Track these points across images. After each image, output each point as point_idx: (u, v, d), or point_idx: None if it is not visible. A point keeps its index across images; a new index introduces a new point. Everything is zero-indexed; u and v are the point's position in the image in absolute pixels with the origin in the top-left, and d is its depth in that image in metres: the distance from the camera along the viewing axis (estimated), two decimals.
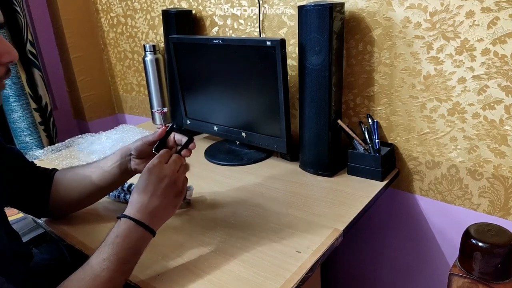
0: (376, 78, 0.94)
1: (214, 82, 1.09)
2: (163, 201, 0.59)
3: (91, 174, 0.74)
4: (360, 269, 1.20)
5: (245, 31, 1.17)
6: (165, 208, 0.60)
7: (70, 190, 0.75)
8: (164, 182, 0.60)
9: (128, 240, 0.56)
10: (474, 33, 0.77)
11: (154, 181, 0.59)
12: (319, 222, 0.75)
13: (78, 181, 0.75)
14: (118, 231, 0.56)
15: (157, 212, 0.59)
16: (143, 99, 1.67)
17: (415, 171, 0.95)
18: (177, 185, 0.62)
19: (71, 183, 0.75)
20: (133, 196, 0.60)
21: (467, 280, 0.73)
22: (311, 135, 0.93)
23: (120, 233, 0.56)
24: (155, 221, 0.59)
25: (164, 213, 0.61)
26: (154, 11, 1.42)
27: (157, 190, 0.59)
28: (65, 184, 0.75)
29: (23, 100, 1.43)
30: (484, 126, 0.82)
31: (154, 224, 0.59)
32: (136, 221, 0.57)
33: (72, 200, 0.76)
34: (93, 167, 0.75)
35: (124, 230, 0.56)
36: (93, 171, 0.74)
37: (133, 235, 0.56)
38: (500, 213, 0.85)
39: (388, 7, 0.86)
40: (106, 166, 0.73)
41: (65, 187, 0.75)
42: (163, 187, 0.60)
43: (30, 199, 0.74)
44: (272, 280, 0.60)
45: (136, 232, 0.57)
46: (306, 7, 0.84)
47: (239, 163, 1.05)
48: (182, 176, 0.63)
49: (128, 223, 0.57)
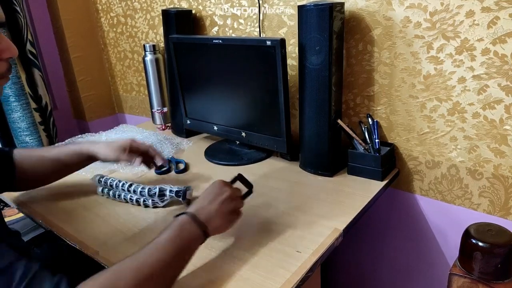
0: (376, 77, 0.94)
1: (214, 81, 1.09)
2: (219, 210, 0.64)
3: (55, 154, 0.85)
4: (360, 269, 1.20)
5: (245, 31, 1.17)
6: (220, 217, 0.64)
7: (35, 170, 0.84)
8: (224, 195, 0.66)
9: (181, 232, 0.59)
10: (474, 32, 0.77)
11: (215, 192, 0.66)
12: (319, 222, 0.75)
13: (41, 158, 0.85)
14: (174, 225, 0.60)
15: (212, 217, 0.63)
16: (143, 99, 1.67)
17: (415, 171, 0.95)
18: (235, 204, 0.67)
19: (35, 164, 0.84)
20: (195, 201, 0.66)
21: (467, 280, 0.73)
22: (311, 135, 0.93)
23: (175, 227, 0.59)
24: (209, 224, 0.62)
25: (218, 222, 0.64)
26: (154, 10, 1.42)
27: (216, 199, 0.65)
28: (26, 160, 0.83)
29: (23, 100, 1.43)
30: (484, 126, 0.82)
31: (208, 226, 0.62)
32: (192, 216, 0.61)
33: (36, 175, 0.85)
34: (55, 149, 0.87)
35: (180, 223, 0.60)
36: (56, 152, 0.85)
37: (187, 228, 0.60)
38: (500, 213, 0.85)
39: (388, 7, 0.86)
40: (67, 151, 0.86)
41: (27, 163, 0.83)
42: (222, 198, 0.65)
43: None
44: (272, 280, 0.60)
45: (190, 227, 0.60)
46: (306, 6, 0.84)
47: (239, 163, 1.05)
48: (240, 203, 0.69)
49: (185, 218, 0.61)
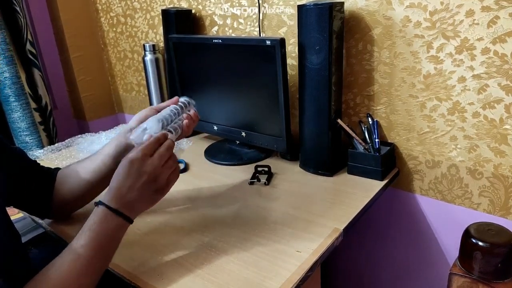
0: (376, 77, 0.94)
1: (214, 81, 1.09)
2: (140, 196, 0.59)
3: (90, 169, 0.73)
4: (360, 268, 1.20)
5: (245, 30, 1.17)
6: (142, 201, 0.60)
7: (71, 188, 0.74)
8: (143, 179, 0.58)
9: (106, 226, 0.57)
10: (474, 32, 0.77)
11: (133, 175, 0.58)
12: (319, 221, 0.75)
13: (78, 178, 0.74)
14: (95, 218, 0.57)
15: (134, 204, 0.59)
16: (143, 98, 1.67)
17: (415, 170, 0.95)
18: (158, 182, 0.60)
19: (72, 181, 0.75)
20: (112, 183, 0.59)
21: (467, 280, 0.73)
22: (311, 135, 0.93)
23: (97, 220, 0.56)
24: (132, 211, 0.59)
25: (142, 206, 0.61)
26: (153, 10, 1.42)
27: (135, 184, 0.58)
28: (66, 182, 0.75)
29: (23, 100, 1.43)
30: (484, 125, 0.82)
31: (131, 213, 0.59)
32: (112, 210, 0.57)
33: (74, 198, 0.75)
34: (91, 161, 0.74)
35: (101, 217, 0.57)
36: (91, 167, 0.73)
37: (110, 222, 0.57)
38: (500, 212, 0.85)
39: (388, 6, 0.86)
40: (101, 160, 0.73)
41: (67, 186, 0.75)
42: (141, 182, 0.58)
43: (32, 199, 0.74)
44: (272, 280, 0.60)
45: (112, 220, 0.57)
46: (306, 6, 0.84)
47: (239, 163, 1.05)
48: (167, 172, 0.61)
49: (105, 211, 0.57)
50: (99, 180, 0.73)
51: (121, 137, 0.73)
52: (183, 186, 0.93)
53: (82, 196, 0.75)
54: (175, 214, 0.81)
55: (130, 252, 0.69)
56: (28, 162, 0.75)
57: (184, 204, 0.85)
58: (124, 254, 0.68)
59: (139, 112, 0.74)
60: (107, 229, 0.57)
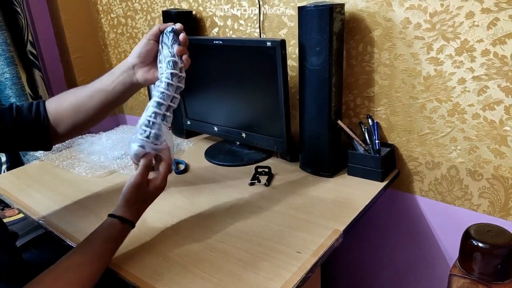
0: (376, 78, 0.94)
1: (214, 82, 1.09)
2: (146, 206, 0.69)
3: (90, 99, 0.71)
4: (360, 269, 1.20)
5: (245, 31, 1.17)
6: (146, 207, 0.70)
7: (71, 119, 0.73)
8: (148, 202, 0.69)
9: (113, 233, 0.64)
10: (474, 34, 0.77)
11: (140, 200, 0.67)
12: (319, 222, 0.75)
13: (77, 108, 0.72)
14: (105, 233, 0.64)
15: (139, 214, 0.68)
16: (143, 99, 1.67)
17: (415, 171, 0.95)
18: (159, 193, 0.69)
19: (70, 113, 0.72)
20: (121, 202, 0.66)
21: (467, 281, 0.73)
22: (311, 136, 0.93)
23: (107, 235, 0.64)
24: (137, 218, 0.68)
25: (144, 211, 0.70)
26: (154, 11, 1.43)
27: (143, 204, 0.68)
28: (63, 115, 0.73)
29: (24, 101, 1.43)
30: (484, 127, 0.82)
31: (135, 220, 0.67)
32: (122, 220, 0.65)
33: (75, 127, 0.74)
34: (91, 90, 0.72)
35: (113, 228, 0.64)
36: (93, 95, 0.71)
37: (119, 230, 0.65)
38: (500, 213, 0.85)
39: (388, 8, 0.87)
40: (107, 86, 0.71)
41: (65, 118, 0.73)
42: (148, 201, 0.68)
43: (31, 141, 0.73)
44: (272, 281, 0.60)
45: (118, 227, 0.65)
46: (306, 7, 0.84)
47: (239, 164, 1.05)
48: (164, 184, 0.68)
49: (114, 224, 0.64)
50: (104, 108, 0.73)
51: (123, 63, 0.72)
52: (183, 186, 0.94)
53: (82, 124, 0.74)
54: (175, 215, 0.81)
55: (130, 253, 0.69)
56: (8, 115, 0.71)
57: (184, 205, 0.85)
58: (124, 255, 0.68)
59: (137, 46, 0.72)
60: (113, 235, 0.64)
